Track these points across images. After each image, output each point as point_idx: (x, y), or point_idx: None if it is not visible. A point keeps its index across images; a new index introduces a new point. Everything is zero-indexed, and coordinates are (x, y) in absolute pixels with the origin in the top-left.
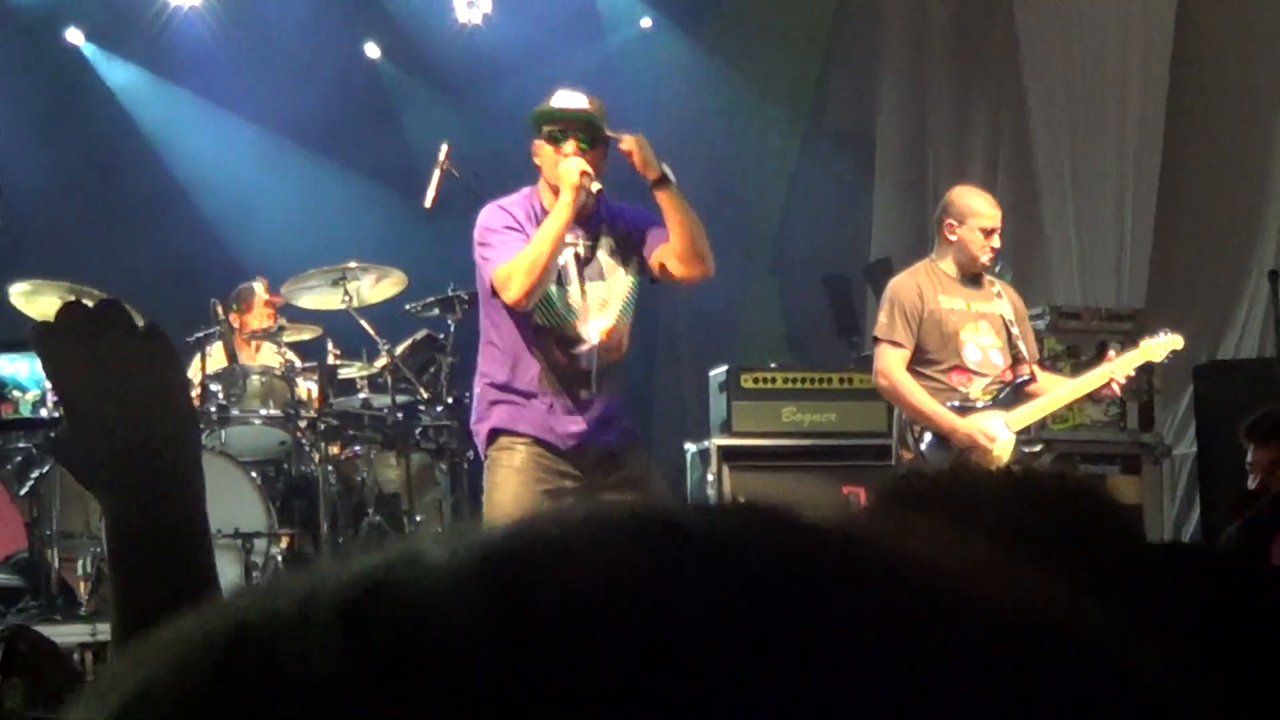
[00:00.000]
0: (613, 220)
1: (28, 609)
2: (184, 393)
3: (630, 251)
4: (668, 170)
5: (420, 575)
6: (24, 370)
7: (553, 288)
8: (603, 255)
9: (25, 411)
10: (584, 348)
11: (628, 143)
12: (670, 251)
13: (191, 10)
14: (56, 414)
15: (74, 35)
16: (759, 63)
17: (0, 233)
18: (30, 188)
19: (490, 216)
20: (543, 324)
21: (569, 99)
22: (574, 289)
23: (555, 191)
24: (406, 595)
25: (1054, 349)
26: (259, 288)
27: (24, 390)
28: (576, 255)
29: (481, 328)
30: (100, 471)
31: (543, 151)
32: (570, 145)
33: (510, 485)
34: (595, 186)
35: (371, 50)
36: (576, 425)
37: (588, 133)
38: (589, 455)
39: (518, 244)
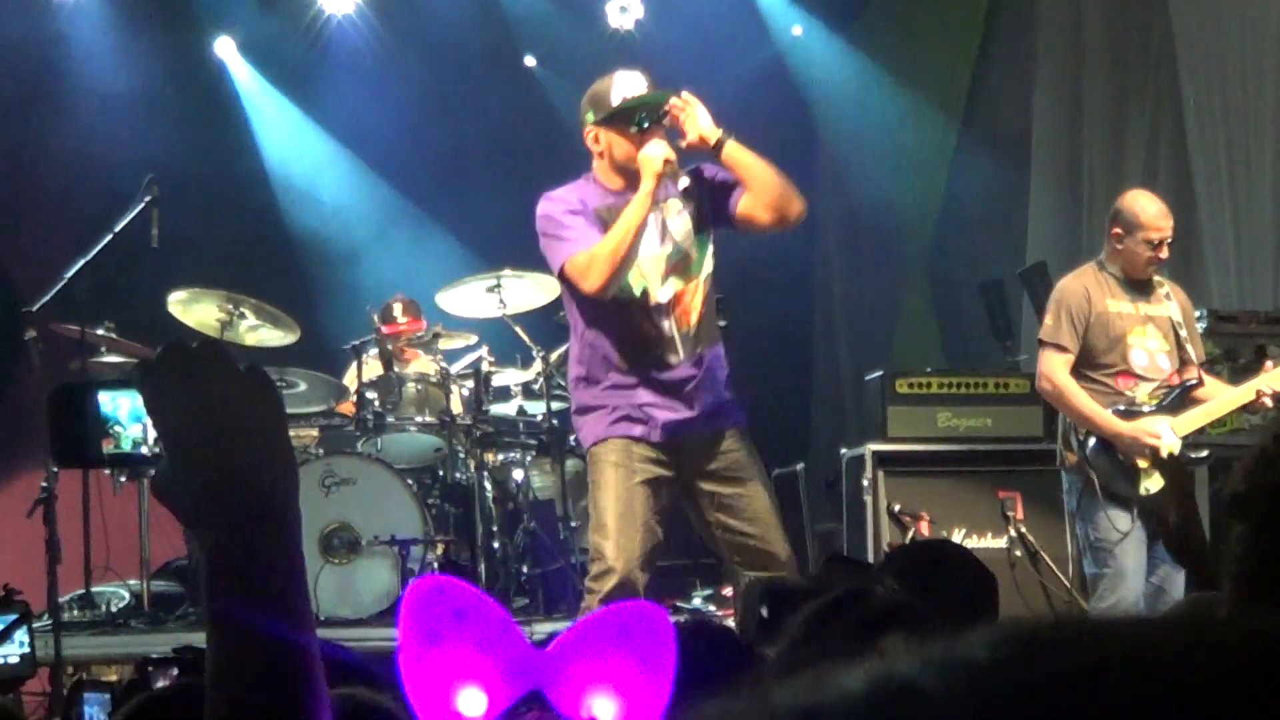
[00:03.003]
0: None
1: (187, 615)
2: (283, 433)
3: (700, 211)
4: (721, 129)
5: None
6: (125, 406)
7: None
8: (670, 217)
9: (126, 447)
10: (660, 312)
11: (679, 106)
12: (756, 204)
13: (345, 19)
14: (157, 450)
15: (224, 44)
16: (910, 67)
17: (159, 242)
18: (186, 197)
19: (548, 206)
20: (619, 295)
21: (632, 81)
22: (643, 255)
23: (620, 174)
24: None
25: (1211, 352)
26: (397, 309)
27: (124, 426)
28: (660, 222)
29: (569, 317)
30: (198, 509)
31: (610, 138)
32: (656, 133)
33: (611, 483)
34: (684, 183)
35: (529, 61)
36: (670, 412)
37: (659, 114)
38: (685, 445)
39: (587, 230)
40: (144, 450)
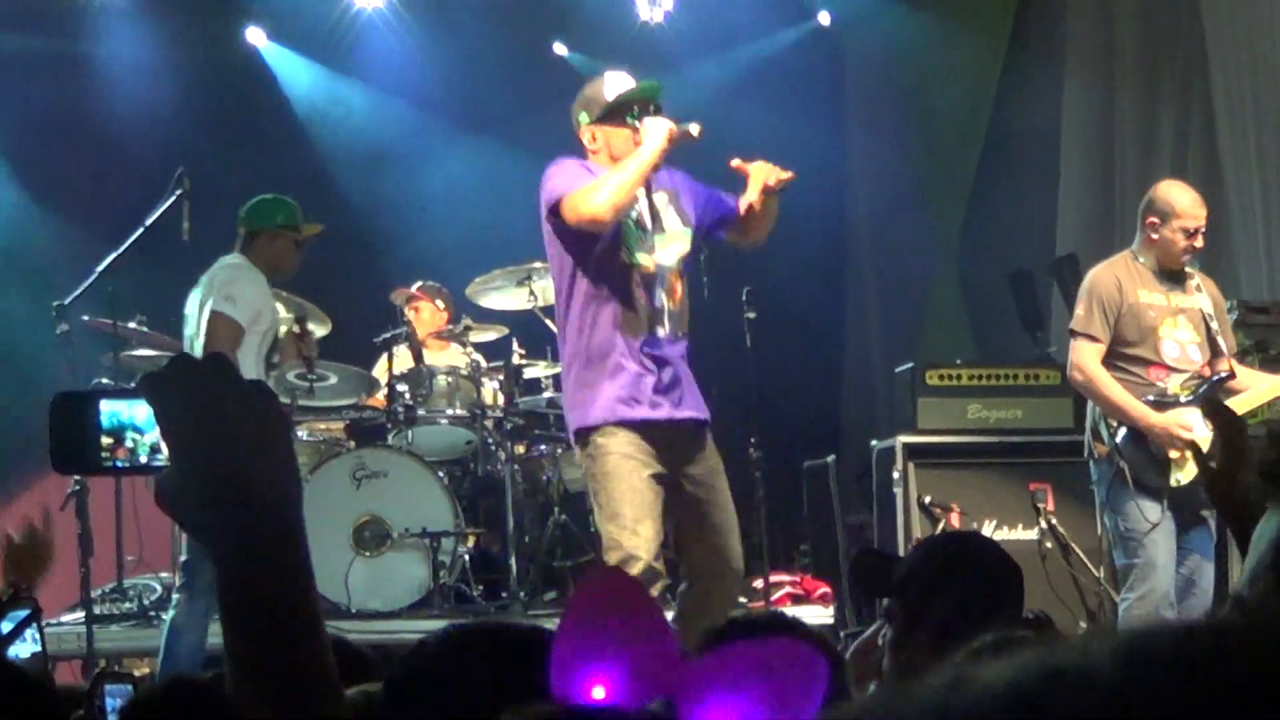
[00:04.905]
0: (669, 177)
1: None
2: (287, 445)
3: (688, 211)
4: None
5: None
6: (141, 414)
7: (634, 227)
8: (662, 206)
9: (142, 454)
10: (654, 282)
11: (758, 171)
12: (750, 233)
13: (375, 12)
14: (163, 462)
15: (254, 35)
16: (941, 57)
17: (190, 235)
18: (214, 190)
19: (565, 162)
20: (626, 261)
21: (621, 80)
22: (648, 234)
23: None
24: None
25: (1242, 343)
26: (409, 292)
27: (141, 433)
28: (651, 204)
29: (558, 298)
30: (203, 519)
31: (608, 134)
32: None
33: (623, 473)
34: (695, 128)
35: (559, 49)
36: (662, 394)
37: (655, 102)
38: (675, 437)
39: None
40: (159, 459)
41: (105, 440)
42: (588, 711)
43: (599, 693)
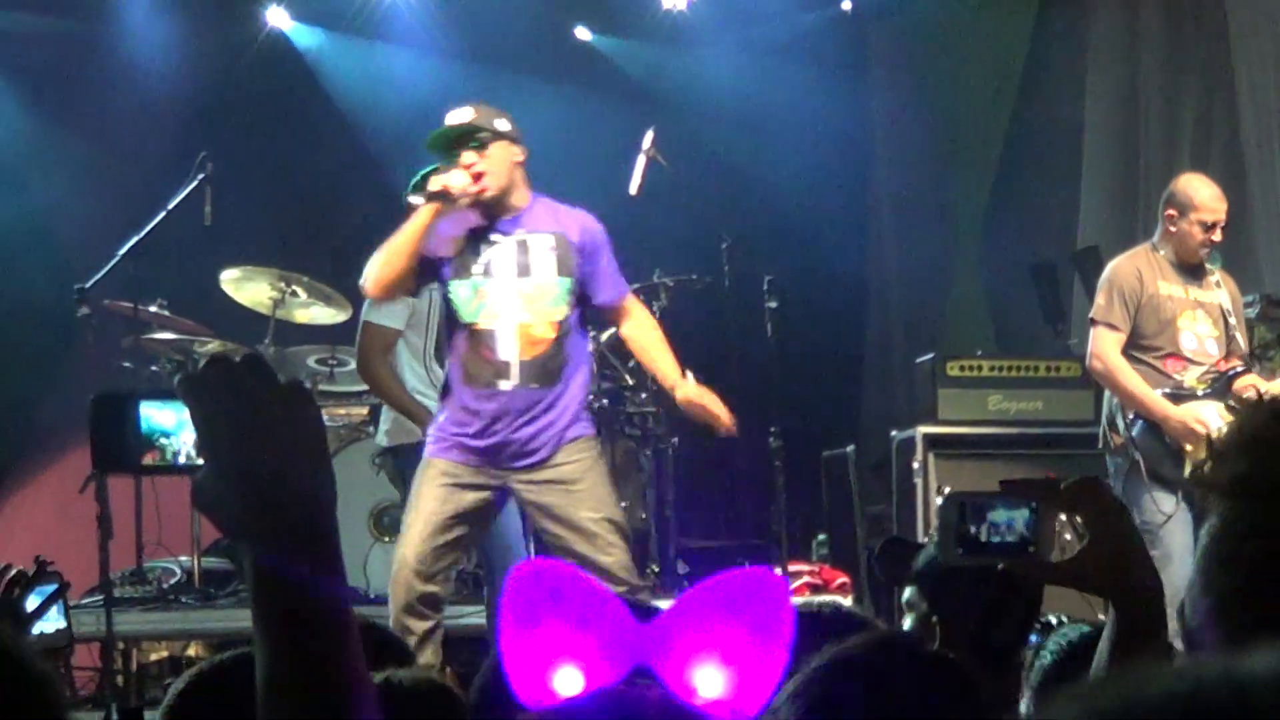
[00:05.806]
0: (558, 222)
1: (237, 592)
2: (323, 445)
3: (573, 261)
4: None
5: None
6: (170, 419)
7: (476, 281)
8: (534, 255)
9: (181, 455)
10: (499, 340)
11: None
12: (628, 336)
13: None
14: (199, 462)
15: (276, 15)
16: (965, 50)
17: (210, 220)
18: (238, 174)
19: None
20: (461, 319)
21: (452, 116)
22: (493, 284)
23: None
24: None
25: (1264, 337)
26: None
27: (169, 437)
28: (501, 253)
29: None
30: (240, 521)
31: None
32: (467, 157)
33: (417, 490)
34: (466, 196)
35: (581, 34)
36: (492, 439)
37: (471, 139)
38: (504, 453)
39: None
40: (197, 460)
41: (145, 441)
42: (565, 712)
43: (571, 685)
